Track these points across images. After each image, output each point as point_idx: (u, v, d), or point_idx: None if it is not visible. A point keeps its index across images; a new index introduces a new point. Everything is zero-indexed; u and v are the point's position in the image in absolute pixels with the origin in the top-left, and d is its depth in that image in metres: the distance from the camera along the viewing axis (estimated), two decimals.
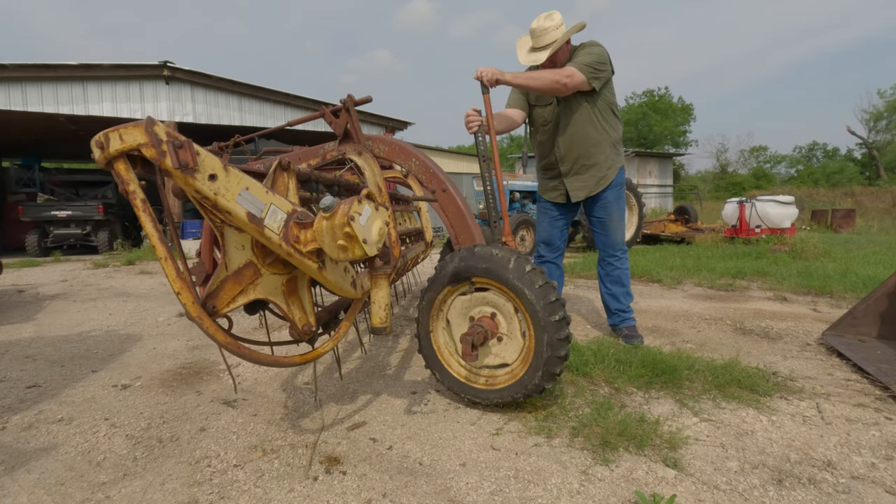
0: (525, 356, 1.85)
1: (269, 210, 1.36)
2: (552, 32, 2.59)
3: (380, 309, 1.63)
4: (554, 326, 1.73)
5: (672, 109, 40.37)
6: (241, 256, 1.51)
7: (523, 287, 1.74)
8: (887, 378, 2.15)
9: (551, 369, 1.76)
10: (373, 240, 1.41)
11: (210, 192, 1.24)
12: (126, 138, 1.14)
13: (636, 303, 3.82)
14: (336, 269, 1.62)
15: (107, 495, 1.44)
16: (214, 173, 1.25)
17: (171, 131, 1.19)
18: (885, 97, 32.68)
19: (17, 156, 14.43)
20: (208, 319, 1.35)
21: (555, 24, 2.59)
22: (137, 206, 1.20)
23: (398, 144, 2.23)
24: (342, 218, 1.33)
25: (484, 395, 1.93)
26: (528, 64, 2.68)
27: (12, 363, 2.75)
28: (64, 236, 10.73)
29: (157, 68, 9.78)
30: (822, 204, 19.80)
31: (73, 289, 5.60)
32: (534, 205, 9.91)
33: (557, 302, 1.74)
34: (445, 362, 2.00)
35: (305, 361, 1.66)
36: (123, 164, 1.16)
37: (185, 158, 1.18)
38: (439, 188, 2.16)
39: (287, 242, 1.39)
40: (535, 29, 2.62)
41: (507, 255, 1.79)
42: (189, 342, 3.17)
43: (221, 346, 1.39)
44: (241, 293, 1.50)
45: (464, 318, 1.95)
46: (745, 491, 1.41)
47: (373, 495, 1.42)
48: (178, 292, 1.28)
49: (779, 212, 8.58)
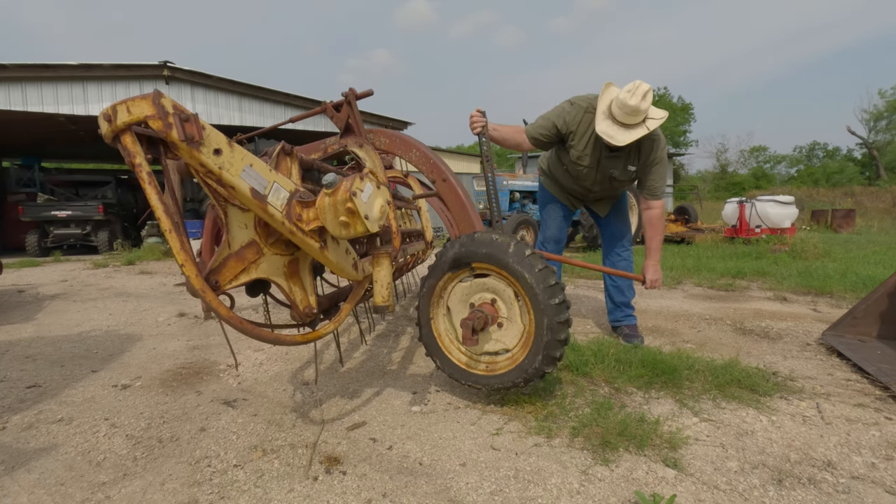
0: (525, 341, 1.85)
1: (273, 187, 1.37)
2: (641, 114, 2.42)
3: (382, 287, 1.64)
4: (554, 310, 1.73)
5: (672, 109, 40.35)
6: (244, 235, 1.51)
7: (523, 271, 1.74)
8: (887, 378, 2.15)
9: (551, 353, 1.77)
10: (374, 216, 1.42)
11: (215, 167, 1.25)
12: (133, 110, 1.14)
13: (636, 302, 3.82)
14: (338, 250, 1.62)
15: (107, 495, 1.44)
16: (219, 148, 1.25)
17: (178, 104, 1.19)
18: (886, 97, 32.71)
19: (17, 156, 14.40)
20: (211, 293, 1.35)
21: (647, 106, 2.41)
22: (143, 179, 1.20)
23: (399, 136, 2.25)
24: (344, 194, 1.34)
25: (485, 381, 1.93)
26: (607, 137, 2.46)
27: (12, 363, 2.75)
28: (64, 236, 10.74)
29: (157, 68, 9.78)
30: (822, 204, 19.81)
31: (73, 289, 5.60)
32: (534, 205, 9.91)
33: (557, 286, 1.75)
34: (446, 349, 2.01)
35: (306, 341, 1.67)
36: (130, 137, 1.17)
37: (191, 131, 1.19)
38: (439, 178, 2.16)
39: (290, 220, 1.40)
40: (628, 106, 2.38)
41: (506, 240, 1.80)
42: (189, 342, 3.17)
43: (224, 319, 1.39)
44: (243, 271, 1.50)
45: (464, 304, 1.95)
46: (745, 491, 1.41)
47: (373, 495, 1.42)
48: (181, 264, 1.28)
49: (779, 212, 8.59)
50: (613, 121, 2.48)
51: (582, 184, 2.88)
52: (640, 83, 2.40)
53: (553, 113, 2.71)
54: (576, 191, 2.99)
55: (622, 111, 2.42)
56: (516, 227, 8.23)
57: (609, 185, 2.80)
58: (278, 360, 2.71)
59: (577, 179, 2.86)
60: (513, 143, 2.75)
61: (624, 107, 2.40)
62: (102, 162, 19.16)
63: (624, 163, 2.68)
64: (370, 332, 3.33)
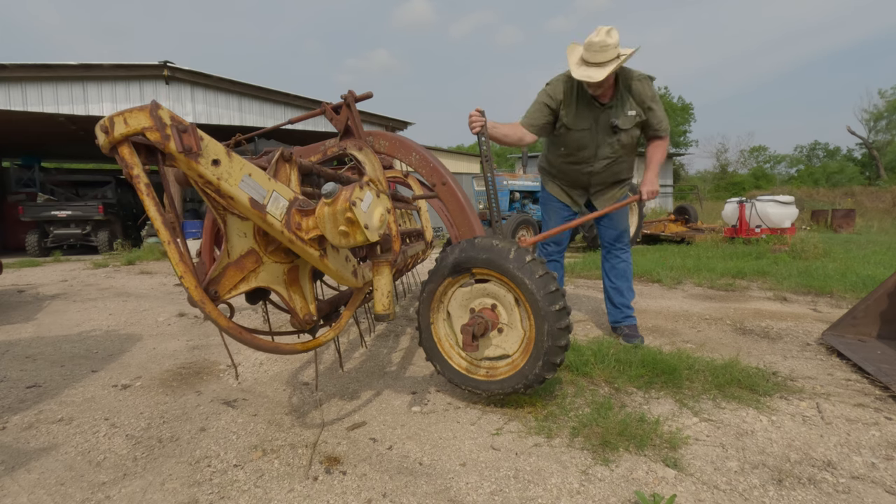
0: (526, 347, 1.85)
1: (272, 197, 1.37)
2: (611, 50, 2.46)
3: (382, 296, 1.63)
4: (554, 316, 1.73)
5: (672, 109, 40.36)
6: (244, 244, 1.51)
7: (524, 277, 1.74)
8: (887, 378, 2.15)
9: (552, 359, 1.77)
10: (374, 225, 1.42)
11: (213, 177, 1.24)
12: (130, 122, 1.14)
13: (636, 302, 3.82)
14: (337, 258, 1.62)
15: (107, 495, 1.44)
16: (218, 158, 1.25)
17: (175, 115, 1.19)
18: (886, 97, 32.71)
19: (17, 156, 14.41)
20: (210, 303, 1.35)
21: (614, 42, 2.46)
22: (141, 191, 1.20)
23: (398, 139, 2.25)
24: (344, 203, 1.34)
25: (485, 387, 1.93)
26: (582, 79, 2.53)
27: (12, 363, 2.75)
28: (64, 236, 10.73)
29: (157, 68, 9.78)
30: (822, 204, 19.82)
31: (73, 289, 5.60)
32: (534, 205, 9.91)
33: (558, 292, 1.75)
34: (446, 354, 2.01)
35: (307, 349, 1.67)
36: (128, 149, 1.17)
37: (189, 142, 1.19)
38: (439, 182, 2.16)
39: (289, 229, 1.40)
40: (594, 43, 2.45)
41: (507, 246, 1.80)
42: (189, 342, 3.17)
43: (223, 330, 1.39)
44: (242, 280, 1.50)
45: (464, 309, 1.95)
46: (745, 491, 1.41)
47: (373, 495, 1.42)
48: (181, 276, 1.28)
49: (779, 212, 8.58)
50: (588, 65, 2.55)
51: (583, 157, 2.84)
52: (601, 26, 2.50)
53: (538, 97, 2.79)
54: (579, 176, 2.94)
55: (591, 51, 2.49)
56: (516, 227, 8.23)
57: (615, 143, 2.77)
58: (278, 361, 2.71)
59: (579, 150, 2.83)
60: (514, 138, 2.74)
61: (591, 46, 2.47)
62: (102, 162, 19.15)
63: (620, 110, 2.70)
64: (370, 332, 3.33)
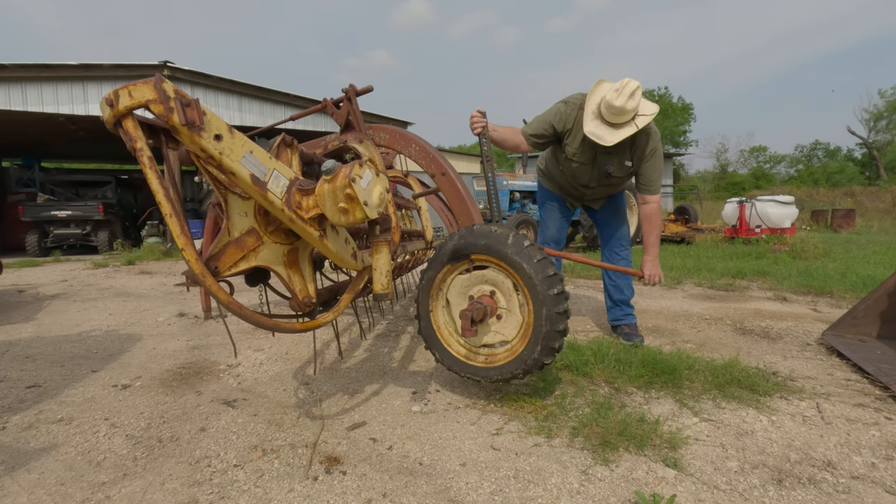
0: (524, 332, 1.86)
1: (273, 175, 1.38)
2: (629, 113, 2.41)
3: (381, 275, 1.64)
4: (552, 300, 1.73)
5: (672, 109, 40.36)
6: (244, 223, 1.52)
7: (521, 261, 1.75)
8: (887, 378, 2.15)
9: (550, 344, 1.77)
10: (373, 203, 1.42)
11: (215, 152, 1.26)
12: (135, 94, 1.15)
13: (636, 302, 3.82)
14: (337, 239, 1.63)
15: (107, 495, 1.44)
16: (220, 133, 1.27)
17: (179, 89, 1.21)
18: (886, 97, 32.70)
19: (17, 156, 14.41)
20: (210, 277, 1.36)
21: (634, 106, 2.39)
22: (144, 164, 1.21)
23: (398, 132, 2.27)
24: (343, 180, 1.35)
25: (484, 373, 1.93)
26: (594, 138, 2.45)
27: (12, 363, 2.75)
28: (64, 236, 10.74)
29: (157, 68, 9.78)
30: (822, 204, 19.82)
31: (73, 289, 5.60)
32: (534, 205, 9.92)
33: (556, 276, 1.75)
34: (445, 342, 2.01)
35: (305, 329, 1.67)
36: (132, 122, 1.18)
37: (192, 116, 1.20)
38: (439, 171, 2.17)
39: (289, 207, 1.40)
40: (614, 107, 2.38)
41: (505, 231, 1.81)
42: (189, 342, 3.17)
43: (223, 304, 1.39)
44: (242, 259, 1.50)
45: (463, 297, 1.95)
46: (745, 491, 1.41)
47: (373, 495, 1.42)
48: (181, 248, 1.29)
49: (779, 212, 8.59)
50: (602, 120, 2.49)
51: (578, 181, 2.87)
52: (629, 81, 2.39)
53: (548, 113, 2.72)
54: (573, 189, 2.99)
55: (609, 112, 2.43)
56: (516, 226, 8.24)
57: (606, 181, 2.80)
58: (278, 360, 2.71)
59: (574, 177, 2.86)
60: (511, 144, 2.76)
61: (610, 108, 2.41)
62: (102, 162, 19.15)
63: (619, 159, 2.68)
64: (370, 329, 3.33)
